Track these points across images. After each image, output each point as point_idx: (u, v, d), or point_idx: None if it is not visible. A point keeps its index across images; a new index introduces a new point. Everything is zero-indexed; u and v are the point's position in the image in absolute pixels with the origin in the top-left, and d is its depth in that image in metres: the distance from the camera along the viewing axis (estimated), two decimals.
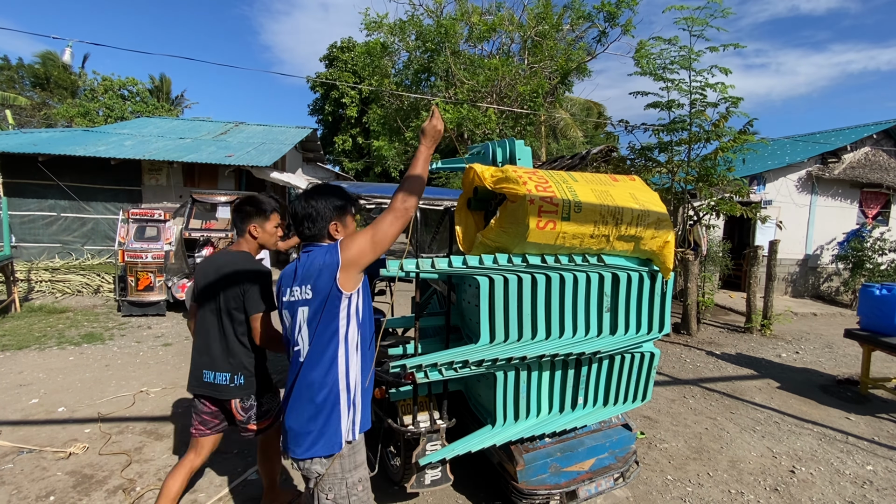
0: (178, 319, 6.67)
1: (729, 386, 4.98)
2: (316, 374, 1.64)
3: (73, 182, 9.26)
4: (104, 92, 22.73)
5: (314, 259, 1.68)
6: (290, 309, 1.71)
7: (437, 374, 2.20)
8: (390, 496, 2.78)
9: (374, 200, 2.58)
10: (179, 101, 26.55)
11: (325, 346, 1.64)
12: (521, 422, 2.43)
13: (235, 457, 3.14)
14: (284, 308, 1.73)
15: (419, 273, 2.10)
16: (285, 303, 1.72)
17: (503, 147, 2.72)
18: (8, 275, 6.59)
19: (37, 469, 2.91)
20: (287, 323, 1.74)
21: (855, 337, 4.83)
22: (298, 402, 1.67)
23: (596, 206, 2.17)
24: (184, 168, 9.94)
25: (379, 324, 2.17)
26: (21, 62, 22.93)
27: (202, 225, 7.98)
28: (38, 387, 4.15)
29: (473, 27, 12.99)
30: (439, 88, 13.64)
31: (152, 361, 4.91)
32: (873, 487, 3.13)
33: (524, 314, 2.24)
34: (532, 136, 13.76)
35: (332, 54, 26.09)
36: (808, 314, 9.11)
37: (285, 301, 1.72)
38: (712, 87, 6.54)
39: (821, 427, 4.04)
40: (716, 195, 7.01)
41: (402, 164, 16.09)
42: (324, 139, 25.04)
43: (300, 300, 1.67)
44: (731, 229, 11.46)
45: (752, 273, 7.26)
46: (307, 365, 1.66)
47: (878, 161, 11.37)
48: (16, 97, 18.83)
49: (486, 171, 2.28)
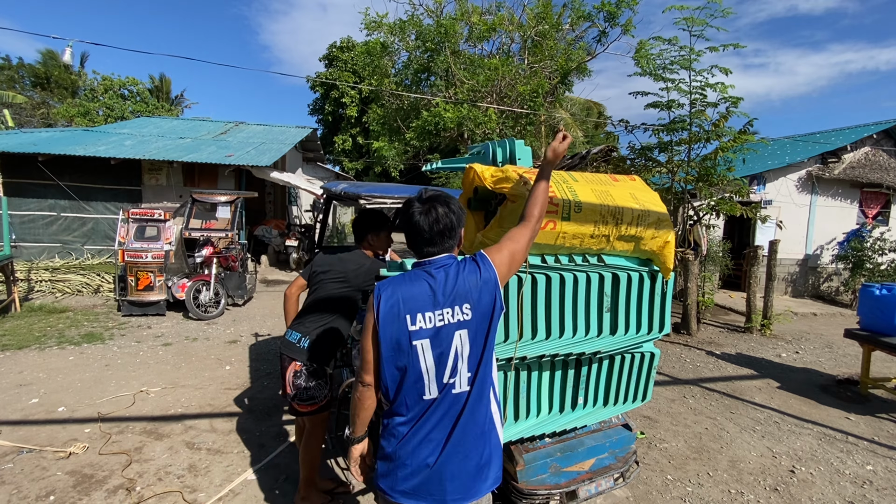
0: (178, 319, 6.68)
1: (729, 386, 4.98)
2: (483, 404, 1.44)
3: (73, 182, 9.25)
4: (104, 92, 22.73)
5: (460, 275, 1.43)
6: (436, 336, 1.40)
7: None
8: None
9: (374, 200, 2.58)
10: (179, 100, 26.55)
11: (487, 369, 1.45)
12: (521, 422, 2.43)
13: (236, 456, 3.14)
14: (421, 338, 1.39)
15: None
16: (425, 331, 1.39)
17: (503, 147, 2.71)
18: (8, 274, 6.59)
19: (37, 469, 2.91)
20: (425, 355, 1.40)
21: (855, 337, 4.83)
22: (463, 444, 1.41)
23: (596, 205, 2.17)
24: (184, 168, 9.93)
25: None
26: (21, 62, 22.95)
27: (202, 225, 7.98)
28: (39, 386, 4.15)
29: (473, 27, 12.99)
30: (439, 88, 13.64)
31: (152, 361, 4.91)
32: (873, 487, 3.14)
33: (524, 314, 2.24)
34: (532, 135, 13.75)
35: (332, 54, 26.10)
36: (808, 314, 9.11)
37: (424, 329, 1.39)
38: (712, 87, 6.54)
39: (821, 427, 4.05)
40: (716, 195, 7.01)
41: (401, 164, 16.09)
42: (324, 139, 25.04)
43: (454, 323, 1.40)
44: (731, 229, 11.46)
45: (752, 273, 7.26)
46: (475, 395, 1.42)
47: (878, 161, 11.37)
48: (14, 95, 18.84)
49: (487, 171, 2.28)
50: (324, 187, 3.64)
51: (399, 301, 1.39)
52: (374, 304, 1.41)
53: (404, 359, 1.39)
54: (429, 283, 1.42)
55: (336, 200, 3.50)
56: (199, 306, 6.75)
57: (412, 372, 1.40)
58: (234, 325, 6.47)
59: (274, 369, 4.80)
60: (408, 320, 1.38)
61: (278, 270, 11.06)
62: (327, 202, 3.94)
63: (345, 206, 11.22)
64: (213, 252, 7.18)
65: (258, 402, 4.01)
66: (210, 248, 7.20)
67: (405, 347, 1.39)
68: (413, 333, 1.38)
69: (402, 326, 1.38)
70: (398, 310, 1.39)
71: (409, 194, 2.67)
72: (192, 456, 3.13)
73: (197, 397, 4.05)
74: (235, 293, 7.46)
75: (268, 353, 5.34)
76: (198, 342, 5.65)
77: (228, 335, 6.00)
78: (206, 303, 6.84)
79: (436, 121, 11.80)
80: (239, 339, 5.82)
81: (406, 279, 1.44)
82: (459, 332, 1.40)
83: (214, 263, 7.04)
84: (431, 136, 12.72)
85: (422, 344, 1.39)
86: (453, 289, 1.41)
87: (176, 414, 3.74)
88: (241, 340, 5.79)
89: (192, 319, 6.66)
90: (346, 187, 3.05)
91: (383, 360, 1.41)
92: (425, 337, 1.39)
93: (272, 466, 3.05)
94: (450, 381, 1.40)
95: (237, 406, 3.93)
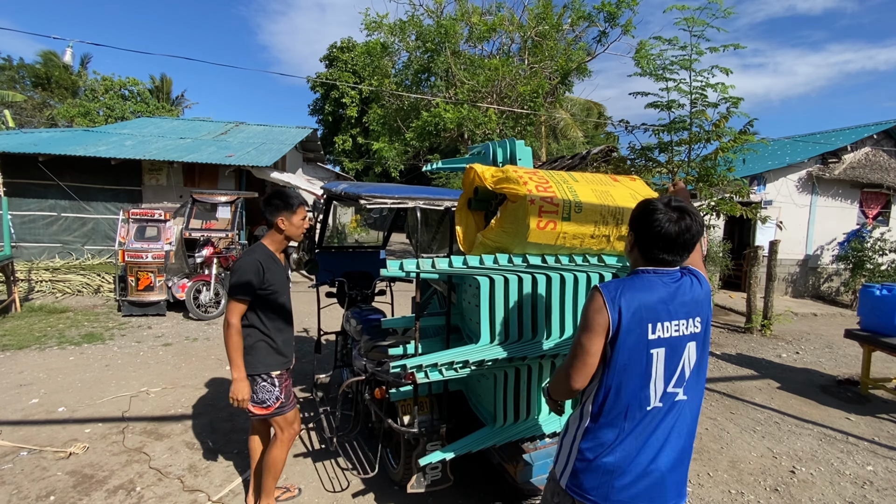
0: (178, 319, 6.68)
1: (729, 386, 4.98)
2: (697, 413, 1.49)
3: (74, 182, 9.26)
4: (105, 92, 22.76)
5: (688, 287, 1.44)
6: (671, 346, 1.40)
7: (437, 374, 2.20)
8: (390, 496, 2.78)
9: (374, 200, 2.58)
10: (180, 101, 26.58)
11: (704, 380, 1.49)
12: (522, 422, 2.43)
13: (236, 456, 3.14)
14: (657, 347, 1.39)
15: (419, 273, 2.10)
16: (662, 340, 1.39)
17: (503, 147, 2.71)
18: (8, 275, 6.59)
19: (37, 469, 2.91)
20: (657, 364, 1.40)
21: (855, 337, 4.82)
22: (683, 452, 1.45)
23: (596, 206, 2.17)
24: (184, 168, 9.93)
25: None
26: (22, 62, 22.99)
27: (202, 225, 7.98)
28: (39, 387, 4.15)
29: (473, 27, 13.00)
30: (439, 88, 13.65)
31: (152, 361, 4.91)
32: (873, 488, 3.13)
33: (524, 314, 2.24)
34: (532, 136, 13.76)
35: (333, 54, 26.13)
36: (808, 314, 9.10)
37: (661, 338, 1.39)
38: (713, 88, 6.54)
39: (821, 427, 4.04)
40: (716, 195, 7.01)
41: (402, 165, 16.09)
42: (324, 139, 25.06)
43: (688, 335, 1.42)
44: (732, 229, 11.46)
45: (753, 273, 7.26)
46: (694, 404, 1.46)
47: (878, 161, 11.36)
48: (13, 95, 18.84)
49: (487, 172, 2.28)
50: (324, 187, 3.64)
51: (641, 308, 1.37)
52: (612, 307, 1.36)
53: (638, 367, 1.38)
54: (666, 292, 1.41)
55: (336, 201, 3.50)
56: (200, 306, 6.75)
57: (641, 380, 1.38)
58: None
59: None
60: (649, 329, 1.38)
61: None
62: (327, 202, 3.94)
63: (345, 206, 11.23)
64: (214, 252, 7.18)
65: None
66: (210, 249, 7.20)
67: (642, 356, 1.38)
68: (651, 342, 1.38)
69: (643, 334, 1.37)
70: (640, 317, 1.36)
71: (410, 194, 2.68)
72: (192, 456, 3.13)
73: (197, 397, 4.05)
74: None
75: None
76: (198, 342, 5.65)
77: None
78: (206, 303, 6.84)
79: (436, 121, 11.80)
80: None
81: (642, 286, 1.42)
82: (690, 343, 1.42)
83: (215, 263, 7.04)
84: (431, 137, 12.73)
85: (657, 353, 1.39)
86: (688, 301, 1.42)
87: (176, 414, 3.74)
88: None
89: (192, 319, 6.66)
90: (346, 187, 3.05)
91: (615, 368, 1.38)
92: (661, 346, 1.39)
93: None
94: (674, 391, 1.41)
95: (237, 406, 3.92)
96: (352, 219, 19.03)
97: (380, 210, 18.50)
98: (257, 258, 2.31)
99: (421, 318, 2.40)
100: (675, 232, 1.39)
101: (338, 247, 4.57)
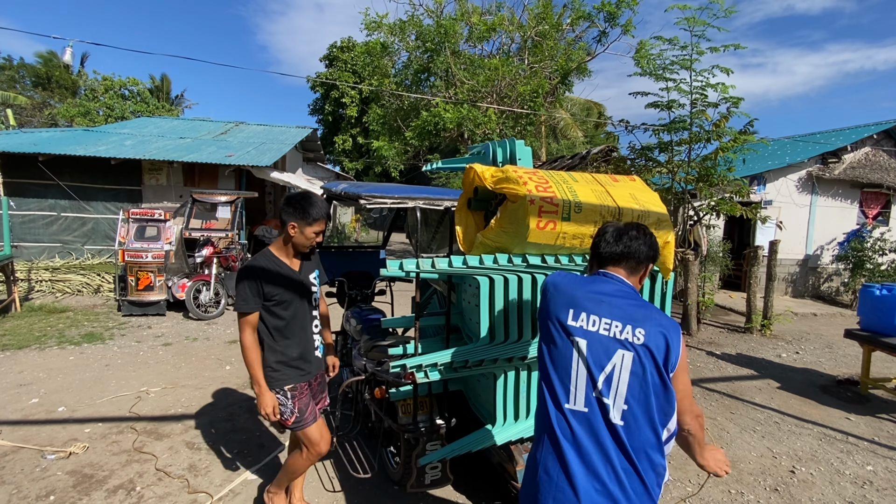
0: (178, 319, 6.68)
1: (729, 386, 4.98)
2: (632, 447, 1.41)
3: (74, 182, 9.25)
4: (105, 92, 22.75)
5: (634, 298, 1.51)
6: (594, 340, 1.43)
7: (437, 374, 2.20)
8: (390, 496, 2.78)
9: (374, 200, 2.58)
10: (180, 100, 26.57)
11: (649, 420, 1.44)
12: (521, 422, 2.43)
13: (236, 456, 3.14)
14: (580, 336, 1.42)
15: (419, 273, 2.10)
16: (586, 331, 1.42)
17: (503, 147, 2.71)
18: (8, 274, 6.59)
19: (37, 469, 2.91)
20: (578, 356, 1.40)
21: (855, 337, 4.83)
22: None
23: (596, 206, 2.17)
24: (184, 168, 9.92)
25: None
26: (22, 62, 22.99)
27: (202, 225, 7.98)
28: (39, 386, 4.15)
29: (473, 27, 13.00)
30: (439, 88, 13.65)
31: (152, 361, 4.91)
32: (873, 488, 3.13)
33: (524, 314, 2.24)
34: (532, 136, 13.76)
35: (333, 54, 26.12)
36: (808, 314, 9.10)
37: (586, 329, 1.43)
38: (713, 88, 6.54)
39: (821, 427, 4.04)
40: (716, 195, 7.01)
41: (401, 164, 16.09)
42: (324, 139, 25.05)
43: (621, 339, 1.42)
44: (732, 229, 11.45)
45: (753, 273, 7.26)
46: (630, 433, 1.39)
47: (878, 161, 11.36)
48: (16, 96, 18.85)
49: (487, 172, 2.28)
50: (324, 187, 3.64)
51: (566, 287, 1.55)
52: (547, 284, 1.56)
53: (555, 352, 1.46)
54: (605, 288, 1.50)
55: (336, 200, 3.50)
56: (200, 306, 6.75)
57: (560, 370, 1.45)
58: (234, 325, 6.47)
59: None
60: (570, 313, 1.47)
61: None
62: (327, 202, 3.94)
63: (345, 206, 11.21)
64: (214, 252, 7.18)
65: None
66: (210, 248, 7.20)
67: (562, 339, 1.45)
68: (572, 328, 1.47)
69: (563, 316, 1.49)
70: (564, 298, 1.51)
71: (410, 194, 2.68)
72: (192, 456, 3.13)
73: (197, 397, 4.05)
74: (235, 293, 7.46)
75: None
76: (198, 342, 5.65)
77: (228, 335, 6.00)
78: (206, 303, 6.84)
79: (435, 121, 11.80)
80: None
81: (582, 278, 1.59)
82: (624, 352, 1.40)
83: (214, 263, 7.04)
84: (431, 136, 12.73)
85: (578, 342, 1.44)
86: (628, 308, 1.46)
87: (176, 414, 3.74)
88: None
89: (192, 319, 6.66)
90: (346, 187, 3.05)
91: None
92: (583, 337, 1.45)
93: (272, 466, 3.04)
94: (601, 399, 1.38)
95: (237, 406, 3.93)
96: (352, 219, 19.03)
97: (380, 210, 18.50)
98: (253, 267, 2.18)
99: (421, 317, 2.40)
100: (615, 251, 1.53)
101: (338, 247, 4.57)
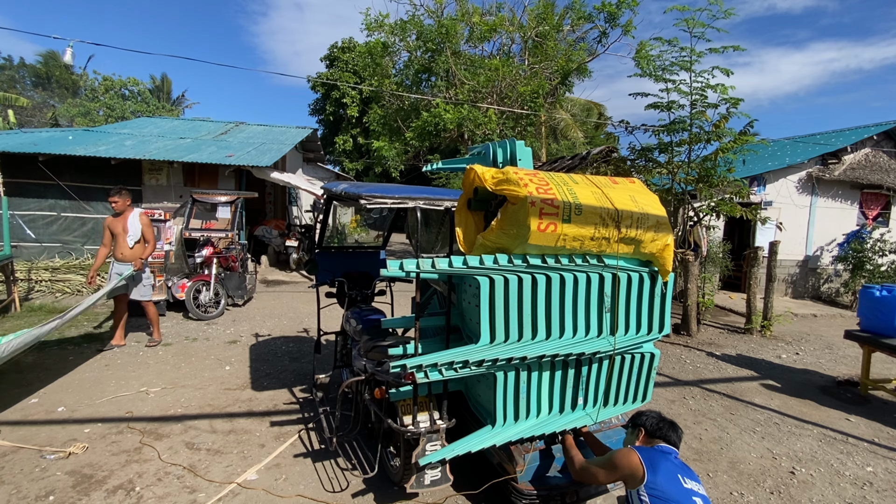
0: (177, 319, 6.67)
1: (729, 387, 4.98)
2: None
3: (74, 182, 9.25)
4: (105, 92, 22.77)
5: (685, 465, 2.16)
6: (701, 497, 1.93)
7: (437, 374, 2.20)
8: (390, 496, 2.78)
9: (374, 200, 2.58)
10: (180, 101, 26.59)
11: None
12: (521, 422, 2.43)
13: (236, 456, 3.14)
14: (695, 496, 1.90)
15: (419, 273, 2.10)
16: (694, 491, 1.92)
17: (504, 148, 2.72)
18: (8, 274, 6.59)
19: (36, 469, 2.90)
20: None
21: (855, 338, 4.83)
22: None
23: (596, 208, 2.17)
24: (184, 168, 9.92)
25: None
26: (23, 62, 23.00)
27: (202, 225, 7.97)
28: (38, 386, 4.14)
29: (474, 27, 13.01)
30: (440, 89, 13.65)
31: (152, 361, 4.91)
32: (873, 489, 3.13)
33: (524, 314, 2.24)
34: (532, 136, 13.77)
35: (333, 54, 26.11)
36: (808, 315, 9.10)
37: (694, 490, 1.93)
38: (713, 88, 6.54)
39: (821, 428, 4.04)
40: (716, 196, 7.02)
41: (402, 165, 16.08)
42: (324, 139, 25.06)
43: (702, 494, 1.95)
44: (732, 230, 11.46)
45: (752, 274, 7.26)
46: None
47: (878, 162, 11.37)
48: (17, 98, 18.85)
49: (487, 173, 2.28)
50: (324, 187, 3.64)
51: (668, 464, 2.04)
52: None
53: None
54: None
55: (336, 201, 3.51)
56: (199, 306, 6.75)
57: None
58: (234, 326, 6.47)
59: (273, 369, 4.81)
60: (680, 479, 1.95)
61: (278, 271, 11.06)
62: (327, 202, 3.94)
63: (345, 206, 11.22)
64: (214, 252, 7.18)
65: (258, 403, 4.01)
66: (210, 249, 7.19)
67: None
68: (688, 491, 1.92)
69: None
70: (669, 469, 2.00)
71: (410, 194, 2.67)
72: (191, 456, 3.13)
73: (197, 397, 4.05)
74: (235, 293, 7.46)
75: (267, 353, 5.34)
76: (198, 342, 5.65)
77: (228, 335, 6.00)
78: (206, 303, 6.84)
79: (436, 121, 11.81)
80: (239, 340, 5.82)
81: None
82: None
83: (214, 263, 7.03)
84: (432, 137, 12.73)
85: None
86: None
87: (176, 414, 3.74)
88: (241, 341, 5.78)
89: (191, 319, 6.66)
90: (346, 187, 3.05)
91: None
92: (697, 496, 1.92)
93: (272, 466, 3.04)
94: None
95: (237, 406, 3.93)
96: (352, 219, 19.03)
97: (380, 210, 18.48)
98: None
99: (421, 318, 2.40)
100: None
101: (338, 247, 4.57)
